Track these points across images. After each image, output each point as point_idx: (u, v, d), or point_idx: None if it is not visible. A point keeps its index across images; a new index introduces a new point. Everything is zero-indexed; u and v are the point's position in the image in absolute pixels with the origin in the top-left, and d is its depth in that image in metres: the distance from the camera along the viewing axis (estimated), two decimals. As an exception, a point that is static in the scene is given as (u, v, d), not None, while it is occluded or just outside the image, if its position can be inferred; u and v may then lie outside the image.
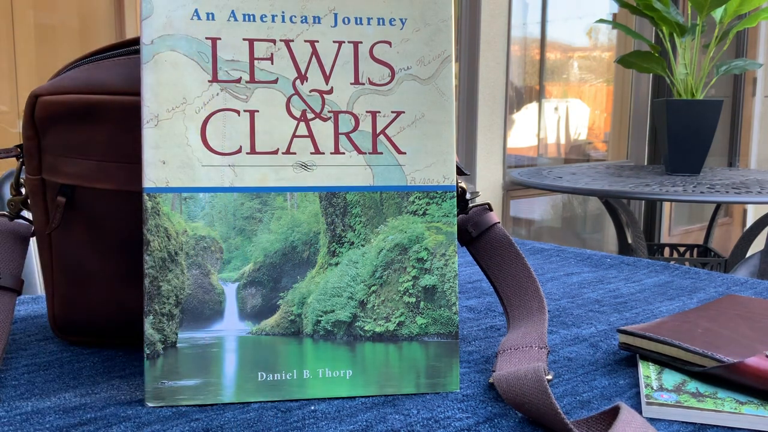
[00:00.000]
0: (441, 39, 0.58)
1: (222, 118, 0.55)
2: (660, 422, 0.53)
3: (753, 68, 2.40)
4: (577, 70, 3.80)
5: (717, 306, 0.72)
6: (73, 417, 0.53)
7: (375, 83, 0.57)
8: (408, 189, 0.58)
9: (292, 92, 0.56)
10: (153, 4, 0.54)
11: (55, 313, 0.68)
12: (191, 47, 0.55)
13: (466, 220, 0.70)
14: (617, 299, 0.86)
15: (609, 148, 3.92)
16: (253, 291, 0.57)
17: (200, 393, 0.55)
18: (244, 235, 0.56)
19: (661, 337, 0.61)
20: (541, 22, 3.37)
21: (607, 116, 3.93)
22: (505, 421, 0.53)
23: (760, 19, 2.20)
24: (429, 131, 0.58)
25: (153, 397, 0.55)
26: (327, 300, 0.57)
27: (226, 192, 0.55)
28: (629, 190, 1.95)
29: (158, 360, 0.55)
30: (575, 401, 0.57)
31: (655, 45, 2.25)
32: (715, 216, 2.81)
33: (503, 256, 0.69)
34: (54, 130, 0.61)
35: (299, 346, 0.57)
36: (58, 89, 0.61)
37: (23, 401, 0.56)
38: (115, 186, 0.60)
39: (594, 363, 0.65)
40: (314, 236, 0.57)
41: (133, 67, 0.59)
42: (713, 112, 2.19)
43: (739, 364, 0.56)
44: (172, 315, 0.55)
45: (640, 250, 2.49)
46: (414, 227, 0.58)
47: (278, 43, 0.56)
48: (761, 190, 1.95)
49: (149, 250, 0.55)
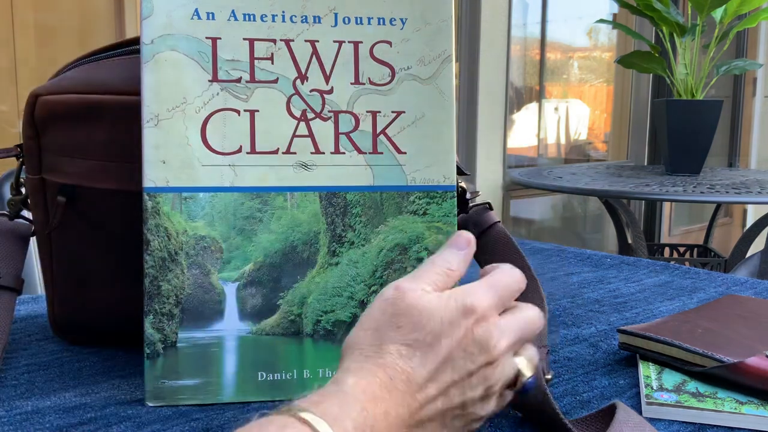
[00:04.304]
0: (441, 39, 0.58)
1: (222, 118, 0.55)
2: (660, 422, 0.53)
3: (753, 68, 2.40)
4: (577, 70, 3.79)
5: (717, 306, 0.72)
6: (73, 416, 0.53)
7: (375, 83, 0.57)
8: (408, 189, 0.58)
9: (293, 92, 0.56)
10: (153, 4, 0.54)
11: (55, 312, 0.68)
12: (191, 47, 0.55)
13: (467, 220, 0.70)
14: (617, 299, 0.86)
15: (609, 149, 3.92)
16: (253, 291, 0.57)
17: (200, 393, 0.55)
18: (244, 235, 0.56)
19: (661, 337, 0.61)
20: (541, 22, 3.37)
21: (607, 116, 3.93)
22: (505, 421, 0.53)
23: (760, 19, 2.19)
24: (429, 131, 0.58)
25: (153, 397, 0.55)
26: (327, 300, 0.57)
27: (226, 192, 0.55)
28: (629, 190, 1.95)
29: (158, 359, 0.55)
30: (575, 401, 0.57)
31: (655, 45, 2.25)
32: (715, 216, 2.81)
33: (504, 255, 0.69)
34: (54, 130, 0.61)
35: (299, 346, 0.57)
36: (58, 89, 0.61)
37: (23, 401, 0.56)
38: (115, 186, 0.60)
39: (594, 363, 0.65)
40: (314, 236, 0.57)
41: (133, 67, 0.59)
42: (713, 112, 2.19)
43: (739, 364, 0.56)
44: (172, 315, 0.55)
45: (640, 250, 2.49)
46: (414, 227, 0.58)
47: (278, 43, 0.56)
48: (761, 190, 1.95)
49: (149, 249, 0.54)
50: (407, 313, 0.43)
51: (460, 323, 0.44)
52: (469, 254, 0.49)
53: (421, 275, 0.46)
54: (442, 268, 0.47)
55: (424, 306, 0.44)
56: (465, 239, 0.49)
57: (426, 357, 0.43)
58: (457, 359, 0.43)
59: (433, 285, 0.46)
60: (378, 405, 0.40)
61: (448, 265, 0.47)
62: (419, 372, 0.42)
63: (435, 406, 0.43)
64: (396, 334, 0.43)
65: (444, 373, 0.43)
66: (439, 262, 0.48)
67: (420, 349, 0.43)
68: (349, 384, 0.40)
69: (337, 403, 0.39)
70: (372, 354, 0.42)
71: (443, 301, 0.44)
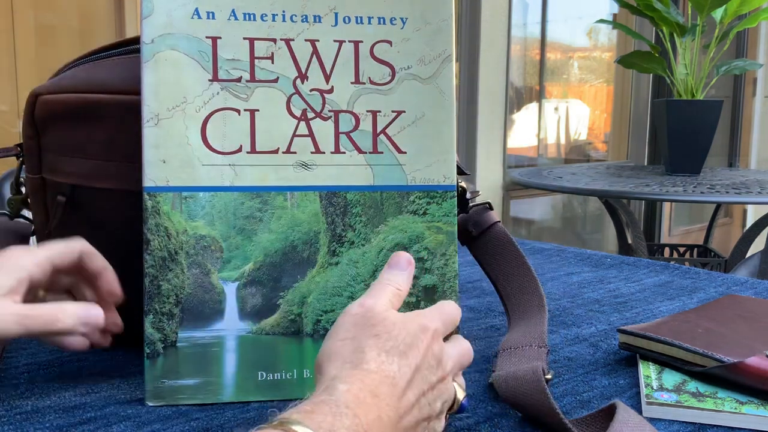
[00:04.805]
0: (441, 38, 0.58)
1: (222, 118, 0.55)
2: (660, 422, 0.53)
3: (753, 68, 2.39)
4: (577, 70, 3.79)
5: (717, 306, 0.72)
6: (73, 416, 0.53)
7: (375, 82, 0.57)
8: (408, 189, 0.58)
9: (293, 91, 0.56)
10: (153, 3, 0.54)
11: (55, 312, 0.68)
12: (191, 46, 0.55)
13: (467, 220, 0.70)
14: (617, 299, 0.86)
15: (609, 149, 3.92)
16: (253, 290, 0.57)
17: (200, 392, 0.55)
18: (245, 235, 0.56)
19: (661, 337, 0.61)
20: (542, 22, 3.37)
21: (607, 116, 3.93)
22: (505, 421, 0.53)
23: (760, 20, 2.19)
24: (429, 131, 0.58)
25: (153, 397, 0.55)
26: (327, 299, 0.57)
27: (226, 191, 0.55)
28: (629, 190, 1.95)
29: (158, 359, 0.55)
30: (575, 401, 0.57)
31: (655, 45, 2.25)
32: (715, 216, 2.80)
33: (504, 255, 0.69)
34: (54, 129, 0.61)
35: (299, 345, 0.57)
36: (58, 88, 0.61)
37: (23, 400, 0.56)
38: (115, 185, 0.60)
39: (594, 363, 0.65)
40: (314, 236, 0.57)
41: (133, 67, 0.59)
42: (713, 112, 2.19)
43: (739, 364, 0.56)
44: (172, 314, 0.55)
45: (640, 250, 2.49)
46: (414, 227, 0.58)
47: (279, 42, 0.56)
48: (761, 190, 1.95)
49: (149, 249, 0.54)
50: (382, 323, 0.45)
51: (421, 338, 0.46)
52: (411, 274, 0.52)
53: (376, 294, 0.48)
54: (392, 288, 0.49)
55: (393, 319, 0.46)
56: (405, 260, 0.52)
57: (402, 363, 0.44)
58: (423, 370, 0.45)
59: (389, 303, 0.48)
60: (370, 411, 0.41)
61: (397, 285, 0.50)
62: (400, 376, 0.43)
63: (413, 416, 0.44)
64: (375, 341, 0.44)
65: (417, 381, 0.44)
66: (387, 282, 0.50)
67: (397, 356, 0.44)
68: (340, 391, 0.41)
69: (330, 413, 0.39)
70: (355, 360, 0.43)
71: (406, 317, 0.47)
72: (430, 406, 0.45)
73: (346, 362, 0.43)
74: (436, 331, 0.47)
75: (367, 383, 0.42)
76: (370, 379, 0.42)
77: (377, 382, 0.42)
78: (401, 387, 0.43)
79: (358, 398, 0.41)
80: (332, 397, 0.40)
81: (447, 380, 0.47)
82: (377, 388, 0.42)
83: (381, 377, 0.43)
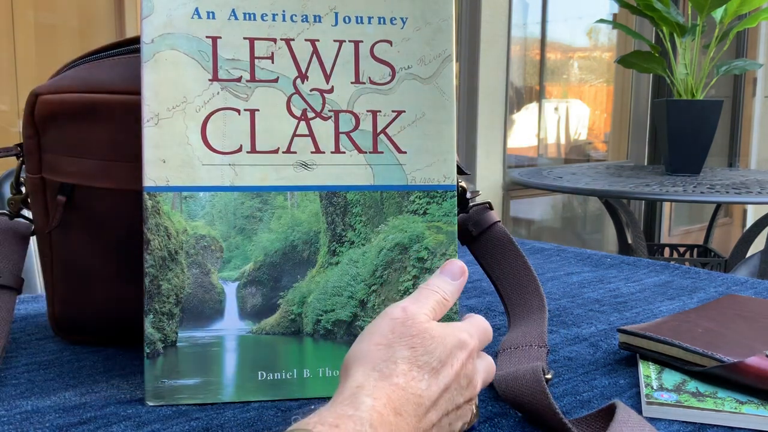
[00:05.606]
0: (442, 38, 0.58)
1: (222, 117, 0.55)
2: (660, 422, 0.53)
3: (753, 68, 2.40)
4: (577, 70, 3.79)
5: (717, 306, 0.72)
6: (73, 416, 0.53)
7: (375, 82, 0.57)
8: (408, 188, 0.58)
9: (293, 91, 0.56)
10: (153, 3, 0.54)
11: (55, 311, 0.68)
12: (192, 46, 0.55)
13: (467, 219, 0.70)
14: (617, 299, 0.86)
15: (609, 149, 3.92)
16: (253, 290, 0.57)
17: (200, 392, 0.55)
18: (245, 235, 0.56)
19: (662, 337, 0.61)
20: (542, 22, 3.37)
21: (607, 116, 3.93)
22: (505, 421, 0.53)
23: (760, 20, 2.19)
24: (429, 131, 0.58)
25: (153, 396, 0.55)
26: (327, 299, 0.57)
27: (226, 191, 0.55)
28: (629, 190, 1.95)
29: (158, 359, 0.55)
30: (575, 401, 0.57)
31: (655, 45, 2.25)
32: (715, 216, 2.81)
33: (504, 255, 0.69)
34: (54, 129, 0.61)
35: (299, 345, 0.57)
36: (59, 88, 0.61)
37: (23, 400, 0.56)
38: (115, 185, 0.60)
39: (594, 363, 0.65)
40: (314, 235, 0.57)
41: (133, 66, 0.59)
42: (713, 112, 2.19)
43: (739, 364, 0.56)
44: (172, 314, 0.55)
45: (640, 250, 2.49)
46: (414, 227, 0.58)
47: (279, 42, 0.56)
48: (761, 190, 1.95)
49: (149, 249, 0.54)
50: (419, 335, 0.44)
51: (458, 355, 0.45)
52: (462, 284, 0.50)
53: (422, 300, 0.47)
54: (439, 296, 0.48)
55: (432, 332, 0.44)
56: (459, 268, 0.51)
57: (432, 382, 0.43)
58: (452, 390, 0.44)
59: (432, 313, 0.47)
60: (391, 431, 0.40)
61: (444, 295, 0.48)
62: (427, 395, 0.43)
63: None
64: (410, 353, 0.43)
65: (442, 401, 0.44)
66: (436, 289, 0.48)
67: (428, 373, 0.43)
68: (366, 406, 0.40)
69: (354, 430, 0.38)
70: (385, 370, 0.42)
71: (445, 330, 0.45)
72: (450, 426, 0.44)
73: (375, 370, 0.42)
74: (472, 349, 0.46)
75: (393, 399, 0.41)
76: (396, 395, 0.41)
77: (403, 400, 0.41)
78: (426, 406, 0.42)
79: (381, 416, 0.40)
80: (357, 412, 0.40)
81: (473, 401, 0.46)
82: (402, 407, 0.41)
83: (407, 394, 0.42)
